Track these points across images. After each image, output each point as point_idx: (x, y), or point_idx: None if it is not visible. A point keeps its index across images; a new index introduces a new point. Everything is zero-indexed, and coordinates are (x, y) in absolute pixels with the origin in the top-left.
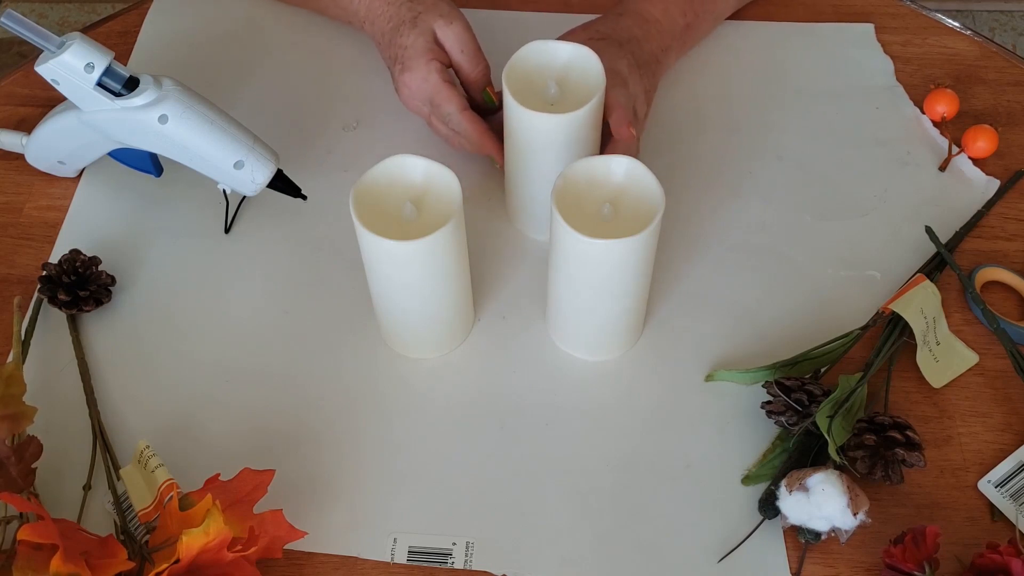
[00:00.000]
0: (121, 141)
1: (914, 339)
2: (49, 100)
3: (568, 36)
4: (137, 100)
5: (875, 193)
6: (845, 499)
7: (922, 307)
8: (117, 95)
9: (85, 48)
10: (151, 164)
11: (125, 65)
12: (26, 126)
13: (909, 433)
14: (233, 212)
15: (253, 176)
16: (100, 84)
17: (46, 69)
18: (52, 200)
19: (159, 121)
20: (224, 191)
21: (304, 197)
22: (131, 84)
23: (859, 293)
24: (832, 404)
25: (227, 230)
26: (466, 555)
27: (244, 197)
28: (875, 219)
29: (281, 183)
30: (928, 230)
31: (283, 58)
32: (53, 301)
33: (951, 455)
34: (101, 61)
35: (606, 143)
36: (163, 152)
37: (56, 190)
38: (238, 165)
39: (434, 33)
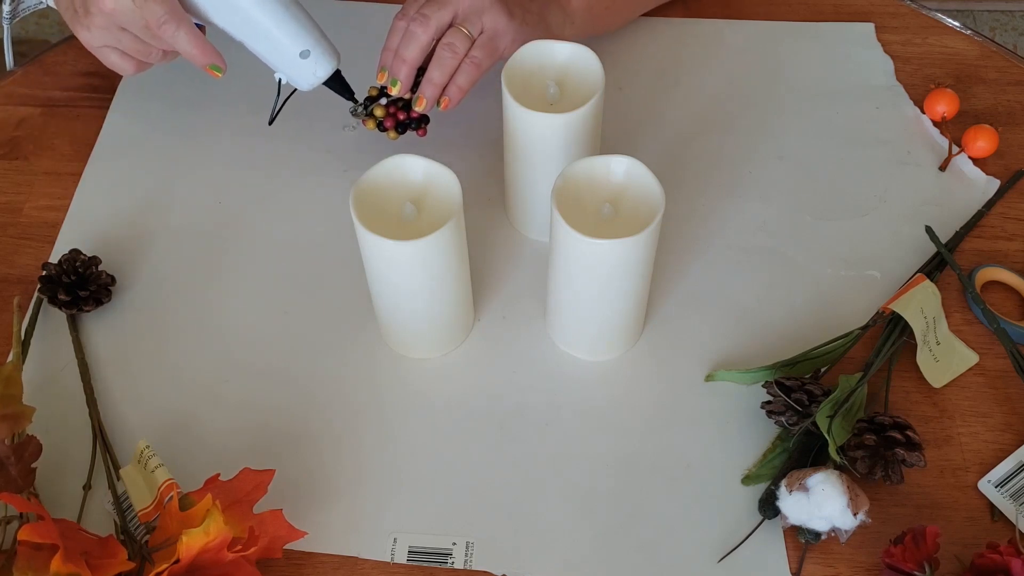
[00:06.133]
0: (199, 11)
1: (914, 339)
2: (49, 100)
3: None
4: None
5: (875, 193)
6: (845, 499)
7: (922, 307)
8: None
9: None
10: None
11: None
12: (26, 126)
13: (909, 433)
14: (280, 105)
15: (315, 69)
16: None
17: None
18: (52, 200)
19: None
20: (279, 81)
21: (356, 101)
22: None
23: (859, 293)
24: (832, 404)
25: (271, 122)
26: (466, 555)
27: (292, 92)
28: (875, 219)
29: (337, 83)
30: (928, 230)
31: None
32: (53, 301)
33: (951, 455)
34: None
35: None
36: (233, 31)
37: (56, 190)
38: (304, 54)
39: None
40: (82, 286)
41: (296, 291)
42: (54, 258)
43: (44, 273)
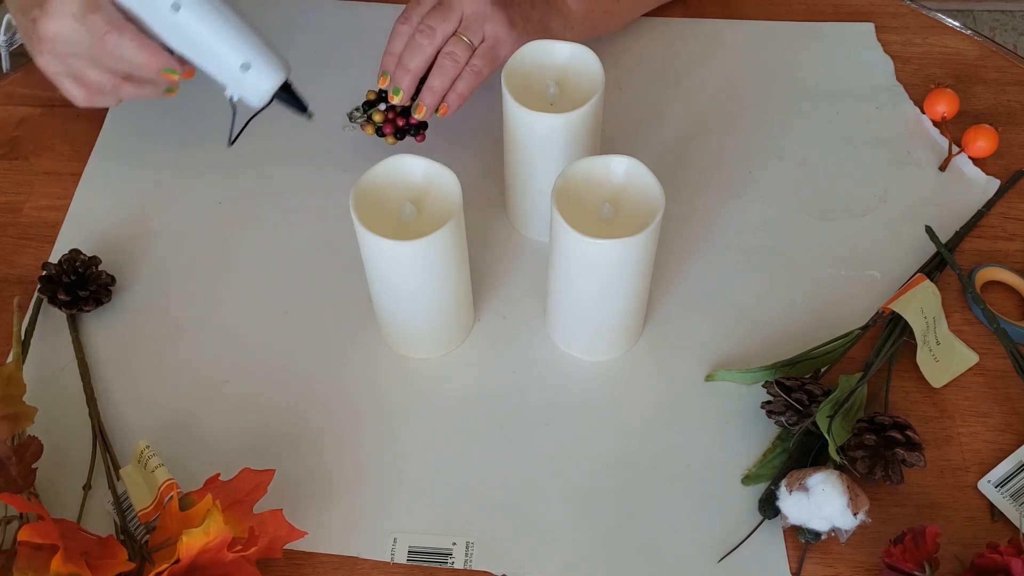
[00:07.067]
0: (135, 22)
1: (914, 339)
2: (50, 100)
3: None
4: None
5: (875, 193)
6: (845, 499)
7: (922, 307)
8: None
9: None
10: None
11: None
12: (26, 126)
13: (909, 433)
14: (240, 127)
15: (259, 82)
16: None
17: None
18: (52, 200)
19: (172, 8)
20: (231, 100)
21: (310, 115)
22: None
23: (859, 293)
24: (832, 404)
25: (230, 143)
26: (466, 555)
27: (253, 116)
28: (875, 219)
29: (288, 96)
30: (928, 230)
31: None
32: (53, 301)
33: (951, 455)
34: None
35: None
36: (174, 45)
37: (56, 190)
38: (244, 67)
39: None
40: (82, 286)
41: (296, 291)
42: (54, 258)
43: (44, 273)
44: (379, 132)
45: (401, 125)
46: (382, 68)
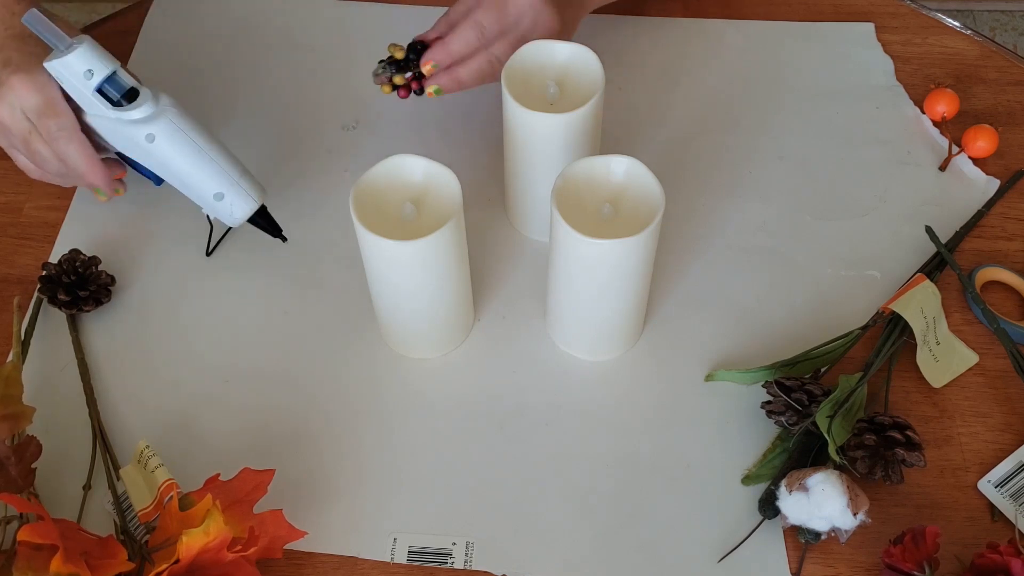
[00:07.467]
0: (115, 148)
1: (914, 339)
2: None
3: None
4: (132, 114)
5: (875, 193)
6: (845, 499)
7: (922, 307)
8: (115, 104)
9: (89, 54)
10: (151, 172)
11: (125, 65)
12: None
13: (909, 433)
14: (218, 239)
15: (232, 210)
16: (99, 91)
17: (51, 66)
18: (52, 200)
19: (146, 139)
20: (208, 217)
21: (284, 239)
22: (131, 95)
23: (859, 293)
24: (832, 404)
25: (208, 253)
26: (466, 555)
27: (228, 230)
28: (875, 219)
29: (262, 220)
30: (928, 230)
31: (283, 58)
32: (53, 301)
33: (951, 455)
34: (102, 69)
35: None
36: (151, 168)
37: (56, 190)
38: (218, 197)
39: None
40: (82, 286)
41: (296, 291)
42: (54, 258)
43: (44, 273)
44: (395, 91)
45: (415, 89)
46: (434, 60)
